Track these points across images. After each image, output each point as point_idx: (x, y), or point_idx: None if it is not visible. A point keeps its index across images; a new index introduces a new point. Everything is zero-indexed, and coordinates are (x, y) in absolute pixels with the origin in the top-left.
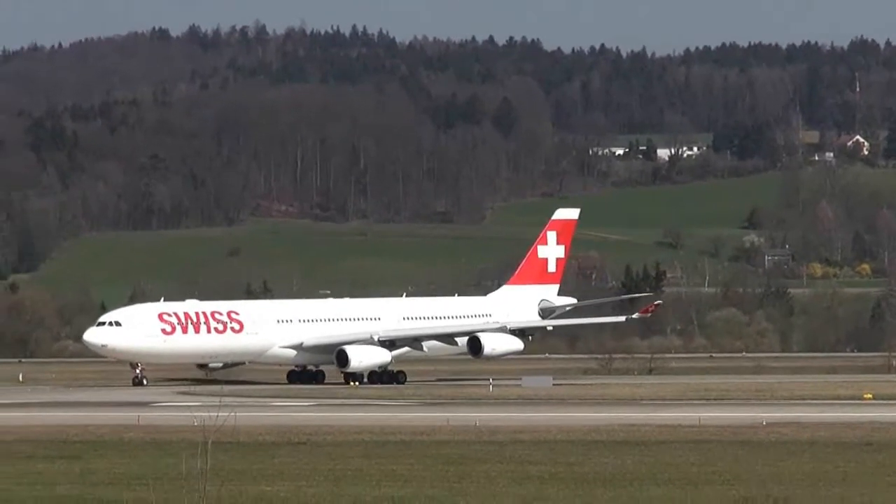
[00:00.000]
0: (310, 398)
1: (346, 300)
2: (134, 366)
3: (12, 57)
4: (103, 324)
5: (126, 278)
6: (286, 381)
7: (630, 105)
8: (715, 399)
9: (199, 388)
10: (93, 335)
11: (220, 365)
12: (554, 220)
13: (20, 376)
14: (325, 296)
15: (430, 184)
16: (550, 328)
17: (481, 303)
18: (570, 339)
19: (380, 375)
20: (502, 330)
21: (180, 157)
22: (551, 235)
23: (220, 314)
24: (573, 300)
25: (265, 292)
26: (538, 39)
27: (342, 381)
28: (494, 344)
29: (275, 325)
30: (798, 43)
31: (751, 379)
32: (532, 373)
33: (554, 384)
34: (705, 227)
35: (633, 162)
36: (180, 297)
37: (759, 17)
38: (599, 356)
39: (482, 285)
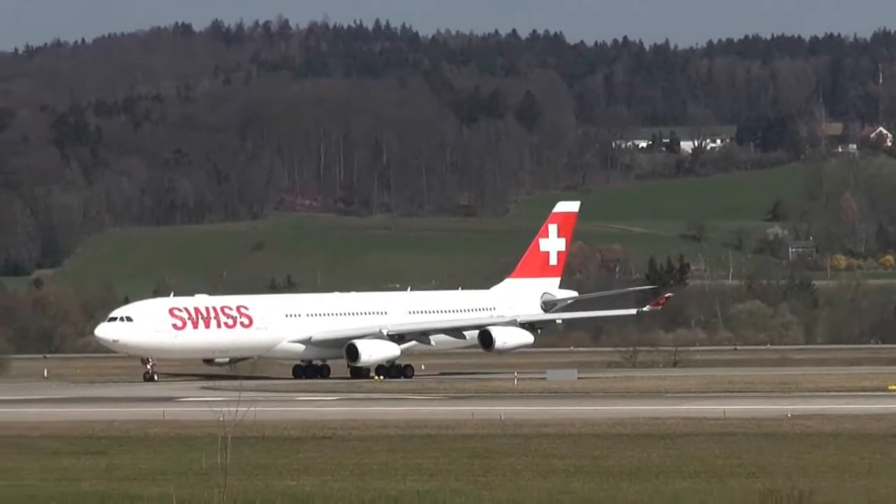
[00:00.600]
0: (334, 392)
1: (352, 294)
2: (145, 361)
3: (36, 53)
4: (115, 319)
5: (150, 273)
6: (291, 377)
7: (653, 98)
8: (739, 391)
9: (224, 384)
10: (104, 330)
11: (227, 360)
12: (555, 213)
13: (45, 372)
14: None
15: (454, 177)
16: (560, 321)
17: (485, 296)
18: (594, 332)
19: (387, 370)
20: (512, 323)
21: (204, 152)
22: (552, 228)
23: (230, 309)
24: (574, 293)
25: (289, 287)
26: (561, 32)
27: (349, 375)
28: (506, 338)
29: (283, 320)
30: (821, 35)
31: (775, 371)
32: (556, 366)
33: (578, 377)
34: (729, 220)
35: (657, 154)
36: (205, 292)
37: (782, 9)
38: (624, 349)
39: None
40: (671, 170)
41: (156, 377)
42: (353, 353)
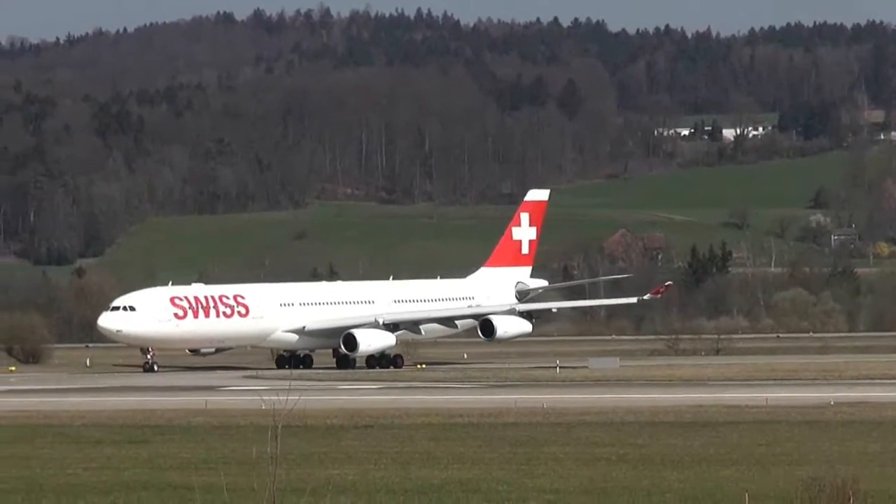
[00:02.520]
0: (377, 381)
1: (339, 283)
2: (145, 351)
3: (78, 42)
4: (117, 308)
5: (192, 263)
6: (275, 367)
7: (695, 85)
8: (782, 379)
9: (266, 373)
10: (107, 320)
11: (213, 350)
12: (526, 202)
13: (87, 361)
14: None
15: (496, 166)
16: (555, 310)
17: (463, 285)
18: (636, 320)
19: (378, 359)
20: (511, 312)
21: (246, 141)
22: (524, 217)
23: (228, 298)
24: (545, 282)
25: (331, 275)
26: (603, 20)
27: (334, 366)
28: (507, 326)
29: (278, 309)
30: (863, 22)
31: (818, 359)
32: (599, 354)
33: (621, 365)
34: (771, 208)
35: (699, 142)
36: (248, 281)
37: None
38: (666, 337)
39: (547, 267)
40: (713, 158)
41: (156, 367)
42: (350, 342)
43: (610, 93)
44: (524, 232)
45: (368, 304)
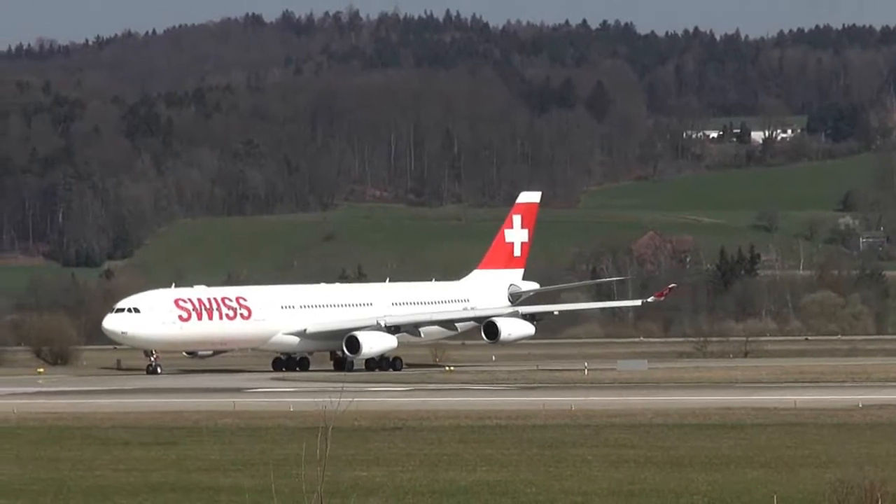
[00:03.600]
0: (405, 383)
1: (338, 285)
2: (148, 353)
3: (107, 44)
4: (122, 310)
5: (220, 264)
6: (271, 369)
7: (724, 88)
8: (810, 382)
9: (293, 374)
10: (112, 322)
11: (210, 352)
12: (518, 204)
13: (117, 363)
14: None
15: (525, 168)
16: (556, 312)
17: (458, 287)
18: (664, 322)
19: (378, 362)
20: (515, 315)
21: (274, 143)
22: (516, 219)
23: (230, 300)
24: (536, 285)
25: (360, 277)
26: (631, 23)
27: (331, 368)
28: (510, 329)
29: (279, 312)
30: (892, 24)
31: (846, 361)
32: (627, 356)
33: (649, 367)
34: (800, 210)
35: (727, 145)
36: (276, 283)
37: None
38: (694, 339)
39: (576, 269)
40: (742, 160)
41: (159, 370)
42: (353, 344)
43: (639, 95)
44: (517, 234)
45: (367, 307)
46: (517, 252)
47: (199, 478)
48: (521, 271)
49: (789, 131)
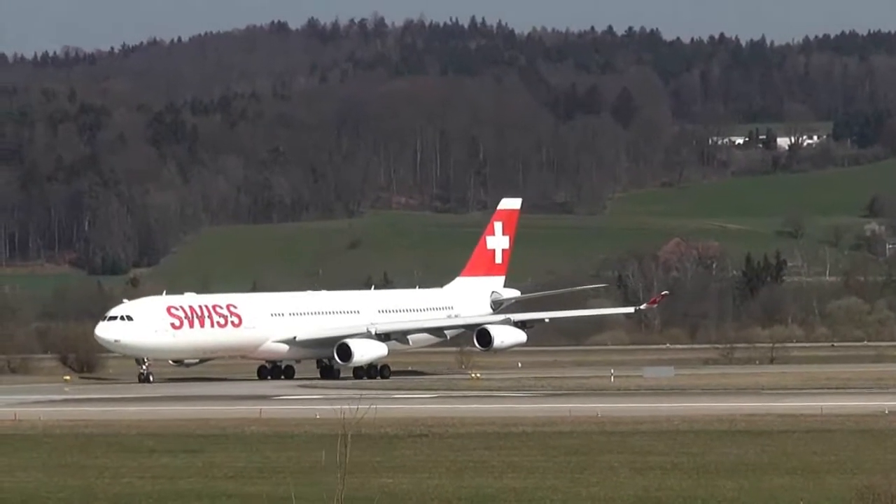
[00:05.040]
0: (432, 390)
1: (324, 293)
2: (140, 361)
3: (132, 51)
4: (115, 318)
5: (246, 272)
6: (256, 377)
7: (749, 94)
8: (837, 388)
9: (319, 382)
10: (105, 330)
11: (196, 361)
12: (499, 211)
13: (144, 369)
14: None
15: (550, 174)
16: (547, 320)
17: (442, 295)
18: (690, 329)
19: (366, 370)
20: (507, 322)
21: (300, 151)
22: (497, 226)
23: (221, 308)
24: (517, 292)
25: (386, 284)
26: (657, 29)
27: (318, 376)
28: (503, 336)
29: (269, 319)
30: None
31: (873, 367)
32: (653, 363)
33: (675, 374)
34: (826, 216)
35: (753, 151)
36: (303, 290)
37: (879, 5)
38: (721, 346)
39: (601, 276)
40: (768, 166)
41: (151, 378)
42: (345, 352)
43: (664, 101)
44: (498, 241)
45: (355, 314)
46: (498, 259)
47: (225, 485)
48: (502, 278)
49: (815, 137)
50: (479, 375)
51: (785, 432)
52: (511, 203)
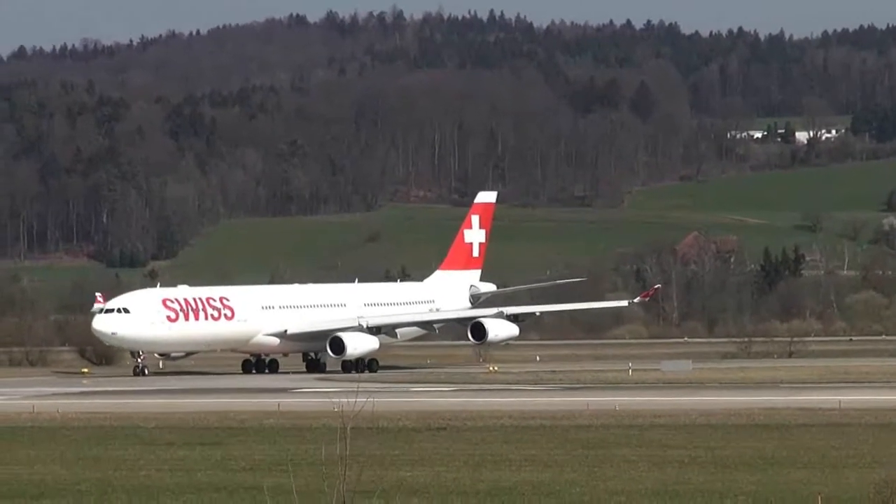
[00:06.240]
0: (449, 384)
1: (311, 286)
2: (135, 354)
3: (150, 44)
4: (111, 311)
5: (265, 265)
6: (240, 371)
7: (768, 88)
8: (855, 382)
9: (338, 375)
10: (102, 323)
11: (183, 354)
12: (476, 204)
13: (160, 364)
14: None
15: (569, 168)
16: (538, 314)
17: (423, 288)
18: (708, 322)
19: (355, 363)
20: (500, 315)
21: (318, 144)
22: (475, 219)
23: (214, 300)
24: (493, 286)
25: (404, 277)
26: (676, 23)
27: (304, 370)
28: (497, 330)
29: (260, 312)
30: None
31: (891, 361)
32: (671, 357)
33: (693, 368)
34: (844, 210)
35: (772, 145)
36: (319, 283)
37: None
38: (738, 340)
39: (620, 270)
40: (786, 160)
41: (146, 371)
42: (337, 346)
43: (683, 95)
44: (475, 235)
45: (342, 307)
46: (475, 253)
47: (243, 478)
48: (478, 272)
49: (833, 132)
50: (496, 368)
51: (803, 426)
52: (487, 196)
